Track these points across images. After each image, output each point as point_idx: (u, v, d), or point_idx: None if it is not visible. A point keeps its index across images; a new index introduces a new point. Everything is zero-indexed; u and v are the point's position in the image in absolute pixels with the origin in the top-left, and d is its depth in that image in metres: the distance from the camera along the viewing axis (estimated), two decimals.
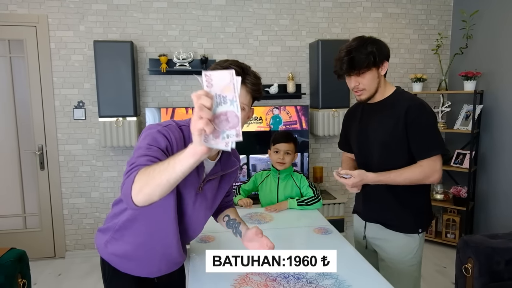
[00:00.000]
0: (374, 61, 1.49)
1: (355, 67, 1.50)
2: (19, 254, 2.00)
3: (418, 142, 1.52)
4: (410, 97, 1.58)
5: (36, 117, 3.28)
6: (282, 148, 2.20)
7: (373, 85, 1.55)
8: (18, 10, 3.17)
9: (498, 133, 3.35)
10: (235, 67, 1.11)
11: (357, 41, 1.52)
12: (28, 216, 3.41)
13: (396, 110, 1.55)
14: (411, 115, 1.51)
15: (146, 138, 1.11)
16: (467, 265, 2.13)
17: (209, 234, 1.74)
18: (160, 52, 3.37)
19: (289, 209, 2.12)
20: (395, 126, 1.54)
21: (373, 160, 1.64)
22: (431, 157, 1.52)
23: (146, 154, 1.05)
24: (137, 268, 1.34)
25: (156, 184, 0.91)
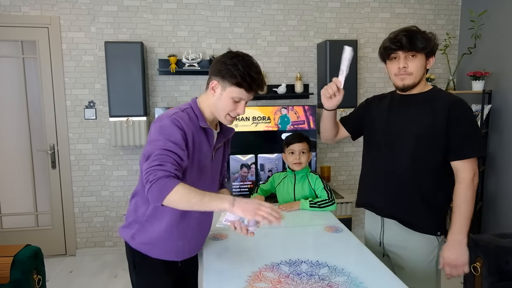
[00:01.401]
0: (431, 49, 1.48)
1: (413, 44, 1.44)
2: (34, 251, 2.04)
3: (460, 141, 1.46)
4: (451, 94, 1.55)
5: (48, 117, 3.34)
6: (297, 148, 2.22)
7: (420, 72, 1.50)
8: (31, 11, 3.22)
9: (507, 133, 3.34)
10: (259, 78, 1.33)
11: (411, 28, 1.48)
12: (40, 214, 3.47)
13: (436, 104, 1.49)
14: (456, 110, 1.46)
15: (162, 132, 1.25)
16: (475, 264, 2.14)
17: (221, 232, 1.77)
18: (169, 52, 3.41)
19: (301, 209, 2.14)
20: (434, 120, 1.48)
21: (403, 152, 1.55)
22: (470, 159, 1.46)
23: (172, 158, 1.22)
24: (167, 250, 1.43)
25: (187, 206, 1.19)
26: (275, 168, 3.44)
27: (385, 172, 1.62)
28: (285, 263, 1.45)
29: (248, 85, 1.31)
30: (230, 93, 1.33)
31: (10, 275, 1.87)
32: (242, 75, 1.29)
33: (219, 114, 1.38)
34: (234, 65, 1.30)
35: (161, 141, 1.23)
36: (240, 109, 1.37)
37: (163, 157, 1.20)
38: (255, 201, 1.23)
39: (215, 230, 1.78)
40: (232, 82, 1.31)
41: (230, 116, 1.38)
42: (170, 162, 1.20)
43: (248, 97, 1.36)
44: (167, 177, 1.16)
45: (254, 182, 3.42)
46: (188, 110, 1.37)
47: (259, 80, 1.33)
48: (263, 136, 3.40)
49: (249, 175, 3.41)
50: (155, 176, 1.16)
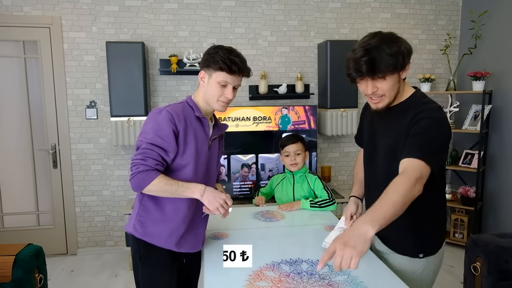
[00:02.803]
0: (401, 62, 1.23)
1: (375, 70, 1.22)
2: (36, 250, 2.05)
3: (409, 140, 1.27)
4: (428, 101, 1.34)
5: (49, 116, 3.35)
6: (291, 149, 2.23)
7: (394, 91, 1.30)
8: (33, 11, 3.23)
9: (507, 133, 3.35)
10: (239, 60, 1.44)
11: (377, 38, 1.23)
12: (41, 213, 3.48)
13: (406, 115, 1.32)
14: (418, 115, 1.28)
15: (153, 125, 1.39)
16: (475, 264, 2.14)
17: (222, 231, 1.78)
18: (170, 52, 3.42)
19: (301, 209, 2.15)
20: (401, 133, 1.32)
21: (379, 167, 1.43)
22: (414, 158, 1.21)
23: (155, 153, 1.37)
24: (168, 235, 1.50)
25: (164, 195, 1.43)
26: (276, 168, 3.44)
27: (368, 186, 1.55)
28: (285, 262, 1.45)
29: (228, 67, 1.41)
30: (216, 78, 1.44)
31: (12, 274, 1.88)
32: (222, 59, 1.41)
33: (211, 101, 1.48)
34: (216, 53, 1.44)
35: (150, 135, 1.38)
36: (227, 93, 1.46)
37: (147, 152, 1.36)
38: (222, 196, 1.41)
39: (215, 230, 1.79)
40: (215, 67, 1.43)
41: (221, 101, 1.48)
42: (152, 157, 1.36)
43: (233, 80, 1.45)
44: (146, 171, 1.34)
45: (254, 182, 3.43)
46: (183, 103, 1.51)
47: (239, 62, 1.43)
48: (263, 136, 3.40)
49: (250, 175, 3.42)
50: (137, 169, 1.35)
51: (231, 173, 3.38)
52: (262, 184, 3.41)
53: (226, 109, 1.53)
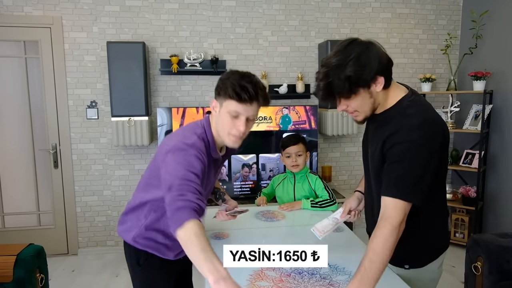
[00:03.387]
0: (351, 88, 1.16)
1: (333, 95, 1.19)
2: (37, 250, 2.05)
3: (385, 173, 1.21)
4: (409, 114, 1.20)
5: (50, 116, 3.36)
6: (292, 151, 2.23)
7: (366, 106, 1.23)
8: (33, 12, 3.24)
9: (508, 133, 3.35)
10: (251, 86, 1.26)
11: (339, 58, 1.16)
12: (42, 213, 3.48)
13: (382, 130, 1.23)
14: (391, 142, 1.19)
15: (183, 162, 1.22)
16: (476, 264, 2.14)
17: (223, 231, 1.78)
18: (171, 52, 3.42)
19: (302, 209, 2.15)
20: (376, 148, 1.26)
21: (368, 177, 1.40)
22: (392, 198, 1.15)
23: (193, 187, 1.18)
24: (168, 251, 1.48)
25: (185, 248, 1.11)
26: (276, 168, 3.45)
27: (365, 191, 1.52)
28: None
29: (237, 94, 1.24)
30: (226, 108, 1.29)
31: (13, 274, 1.88)
32: (232, 85, 1.25)
33: (222, 135, 1.34)
34: (227, 79, 1.28)
35: (181, 172, 1.20)
36: (239, 124, 1.29)
37: (183, 187, 1.17)
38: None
39: (216, 230, 1.79)
40: (225, 95, 1.27)
41: (232, 135, 1.31)
42: (190, 191, 1.16)
43: (245, 110, 1.28)
44: (185, 208, 1.12)
45: (255, 182, 3.43)
46: (203, 136, 1.35)
47: (251, 89, 1.25)
48: (264, 136, 3.41)
49: (251, 175, 3.42)
50: (175, 205, 1.13)
51: (231, 173, 3.38)
52: (263, 184, 3.41)
53: (239, 144, 1.36)
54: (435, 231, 1.34)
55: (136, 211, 1.47)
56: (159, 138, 3.30)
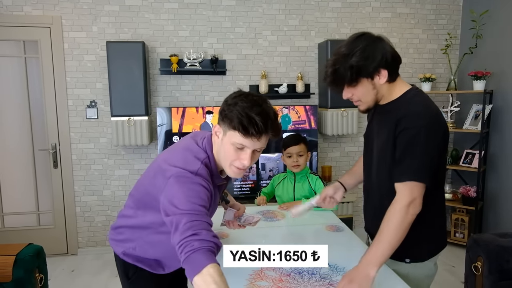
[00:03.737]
0: (353, 77, 1.24)
1: (337, 83, 1.29)
2: (37, 250, 2.05)
3: (397, 160, 1.27)
4: (415, 101, 1.30)
5: (49, 116, 3.35)
6: (294, 151, 2.23)
7: (369, 97, 1.31)
8: (33, 11, 3.23)
9: (508, 132, 3.34)
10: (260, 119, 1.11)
11: (346, 47, 1.27)
12: (42, 213, 3.48)
13: (391, 117, 1.30)
14: (401, 124, 1.25)
15: (191, 194, 1.10)
16: (476, 264, 2.14)
17: (222, 231, 1.78)
18: (171, 52, 3.42)
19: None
20: (387, 137, 1.31)
21: (372, 169, 1.43)
22: (404, 182, 1.23)
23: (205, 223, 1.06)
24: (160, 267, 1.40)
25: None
26: (276, 168, 3.44)
27: (364, 189, 1.55)
28: None
29: (243, 128, 1.10)
30: (230, 138, 1.15)
31: (13, 274, 1.88)
32: (239, 116, 1.10)
33: (224, 164, 1.22)
34: (234, 105, 1.13)
35: (189, 205, 1.07)
36: (244, 158, 1.16)
37: (195, 224, 1.04)
38: None
39: (216, 229, 1.78)
40: (230, 125, 1.13)
41: (234, 166, 1.19)
42: (204, 228, 1.04)
43: (251, 144, 1.14)
44: (201, 250, 0.99)
45: (255, 182, 3.43)
46: (206, 161, 1.22)
47: (260, 122, 1.10)
48: None
49: (250, 175, 3.42)
50: (192, 246, 1.00)
51: None
52: (262, 184, 3.41)
53: (241, 176, 1.24)
54: (436, 227, 1.39)
55: (134, 228, 1.37)
56: (159, 138, 3.29)
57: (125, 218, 1.39)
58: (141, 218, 1.33)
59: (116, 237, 1.41)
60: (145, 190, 1.31)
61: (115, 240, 1.42)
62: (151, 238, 1.34)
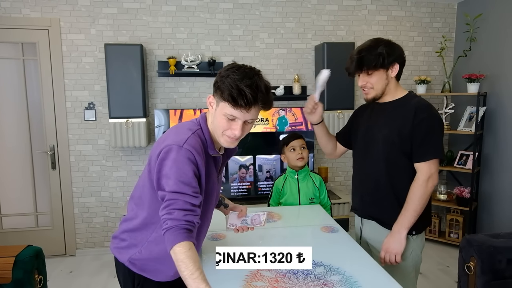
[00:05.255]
0: (382, 62, 1.55)
1: (362, 66, 1.57)
2: (36, 251, 2.07)
3: (418, 144, 1.55)
4: (420, 99, 1.61)
5: (48, 118, 3.37)
6: (297, 144, 2.26)
7: (380, 85, 1.60)
8: (31, 14, 3.25)
9: (502, 134, 3.39)
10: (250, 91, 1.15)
11: (371, 42, 1.59)
12: (40, 214, 3.50)
13: (405, 110, 1.58)
14: (418, 116, 1.54)
15: (174, 169, 1.15)
16: (469, 264, 2.18)
17: (220, 232, 1.81)
18: (168, 54, 3.44)
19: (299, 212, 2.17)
20: (402, 126, 1.57)
21: (378, 157, 1.65)
22: (427, 161, 1.54)
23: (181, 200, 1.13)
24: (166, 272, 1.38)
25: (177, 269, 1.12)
26: (273, 169, 3.47)
27: (363, 175, 1.75)
28: None
29: (233, 99, 1.14)
30: (222, 109, 1.20)
31: (12, 275, 1.90)
32: (229, 87, 1.14)
33: (217, 134, 1.26)
34: (226, 76, 1.17)
35: (171, 180, 1.14)
36: (235, 128, 1.21)
37: (172, 203, 1.13)
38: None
39: (213, 231, 1.81)
40: (221, 96, 1.18)
41: (226, 136, 1.23)
42: (178, 207, 1.12)
43: (241, 115, 1.18)
44: (174, 229, 1.10)
45: (252, 183, 3.46)
46: (199, 132, 1.26)
47: (249, 94, 1.14)
48: (261, 138, 3.43)
49: (248, 176, 3.45)
50: (166, 226, 1.12)
51: (229, 174, 3.41)
52: (259, 185, 3.44)
53: (234, 145, 1.28)
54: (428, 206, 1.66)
55: (137, 230, 1.34)
56: (157, 140, 3.31)
57: (127, 222, 1.38)
58: (142, 216, 1.33)
59: (119, 245, 1.38)
60: (143, 183, 1.32)
61: (118, 248, 1.39)
62: (154, 235, 1.31)
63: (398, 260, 1.57)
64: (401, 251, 1.57)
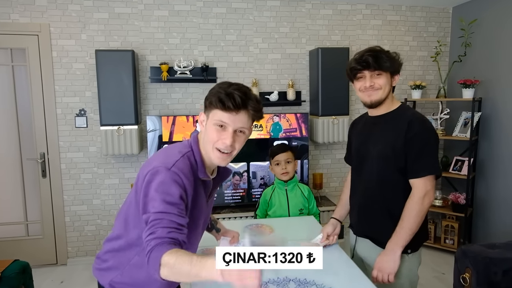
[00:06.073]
0: (393, 66, 1.52)
1: (378, 63, 1.50)
2: (23, 266, 2.03)
3: (413, 159, 1.49)
4: (414, 112, 1.57)
5: (38, 125, 3.31)
6: (282, 158, 2.25)
7: (387, 89, 1.55)
8: (20, 19, 3.19)
9: (497, 140, 3.37)
10: (239, 94, 1.15)
11: (376, 47, 1.55)
12: (30, 223, 3.43)
13: (397, 123, 1.53)
14: (412, 129, 1.49)
15: (159, 190, 1.10)
16: (465, 275, 2.16)
17: (211, 247, 1.77)
18: (161, 60, 3.39)
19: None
20: (396, 139, 1.52)
21: (372, 173, 1.60)
22: (422, 177, 1.48)
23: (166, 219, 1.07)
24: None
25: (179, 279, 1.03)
26: (267, 176, 3.44)
27: (358, 192, 1.70)
28: (273, 281, 1.44)
29: (221, 101, 1.14)
30: (212, 118, 1.19)
31: None
32: (217, 93, 1.16)
33: (208, 150, 1.22)
34: (213, 88, 1.21)
35: (157, 202, 1.10)
36: (225, 137, 1.17)
37: (155, 223, 1.07)
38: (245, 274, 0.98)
39: (203, 246, 1.77)
40: (210, 105, 1.19)
41: (217, 150, 1.19)
42: (162, 226, 1.06)
43: (231, 121, 1.16)
44: (156, 245, 1.02)
45: (246, 190, 3.41)
46: (189, 155, 1.22)
47: (237, 96, 1.14)
48: (255, 144, 3.39)
49: (241, 183, 3.41)
50: (149, 247, 1.04)
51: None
52: (253, 193, 3.40)
53: (226, 162, 1.23)
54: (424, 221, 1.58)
55: (120, 251, 1.30)
56: (149, 146, 3.26)
57: (111, 242, 1.34)
58: (127, 236, 1.28)
59: (101, 266, 1.34)
60: (130, 200, 1.29)
61: (99, 270, 1.35)
62: (137, 258, 1.28)
63: (391, 280, 1.51)
64: (395, 271, 1.50)
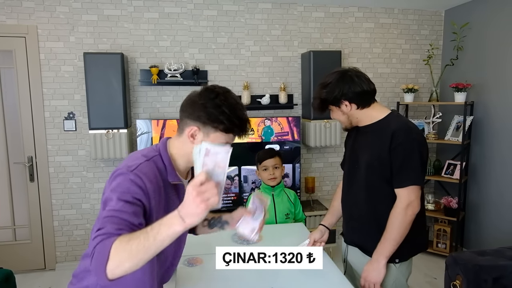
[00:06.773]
0: (323, 106, 1.58)
1: (316, 109, 1.61)
2: (6, 275, 1.98)
3: (397, 169, 1.48)
4: (402, 121, 1.53)
5: (25, 128, 3.25)
6: (269, 164, 2.22)
7: (343, 119, 1.60)
8: (7, 21, 3.13)
9: (489, 144, 3.37)
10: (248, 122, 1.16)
11: (323, 80, 1.58)
12: (18, 228, 3.38)
13: (383, 133, 1.51)
14: (396, 140, 1.46)
15: (116, 190, 1.04)
16: (455, 282, 2.14)
17: (196, 256, 1.73)
18: (151, 63, 3.35)
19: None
20: (382, 149, 1.50)
21: (359, 182, 1.60)
22: (406, 187, 1.47)
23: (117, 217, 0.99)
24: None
25: (137, 260, 0.90)
26: (259, 180, 3.40)
27: (347, 201, 1.70)
28: None
29: (238, 128, 1.13)
30: (215, 140, 1.12)
31: None
32: (230, 118, 1.10)
33: (184, 160, 1.19)
34: (218, 108, 1.10)
35: (113, 201, 1.02)
36: None
37: (106, 220, 0.98)
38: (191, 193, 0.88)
39: (189, 255, 1.74)
40: (219, 128, 1.11)
41: None
42: (110, 222, 0.98)
43: (232, 140, 1.17)
44: (102, 241, 0.92)
45: (237, 194, 3.38)
46: (156, 159, 1.16)
47: (247, 119, 1.16)
48: (246, 148, 3.36)
49: (233, 187, 3.37)
50: (94, 242, 0.94)
51: None
52: (245, 197, 3.37)
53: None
54: (416, 229, 1.55)
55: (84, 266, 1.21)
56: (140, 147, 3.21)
57: (87, 259, 1.21)
58: None
59: (76, 285, 1.23)
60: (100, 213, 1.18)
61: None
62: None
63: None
64: (379, 280, 1.50)
